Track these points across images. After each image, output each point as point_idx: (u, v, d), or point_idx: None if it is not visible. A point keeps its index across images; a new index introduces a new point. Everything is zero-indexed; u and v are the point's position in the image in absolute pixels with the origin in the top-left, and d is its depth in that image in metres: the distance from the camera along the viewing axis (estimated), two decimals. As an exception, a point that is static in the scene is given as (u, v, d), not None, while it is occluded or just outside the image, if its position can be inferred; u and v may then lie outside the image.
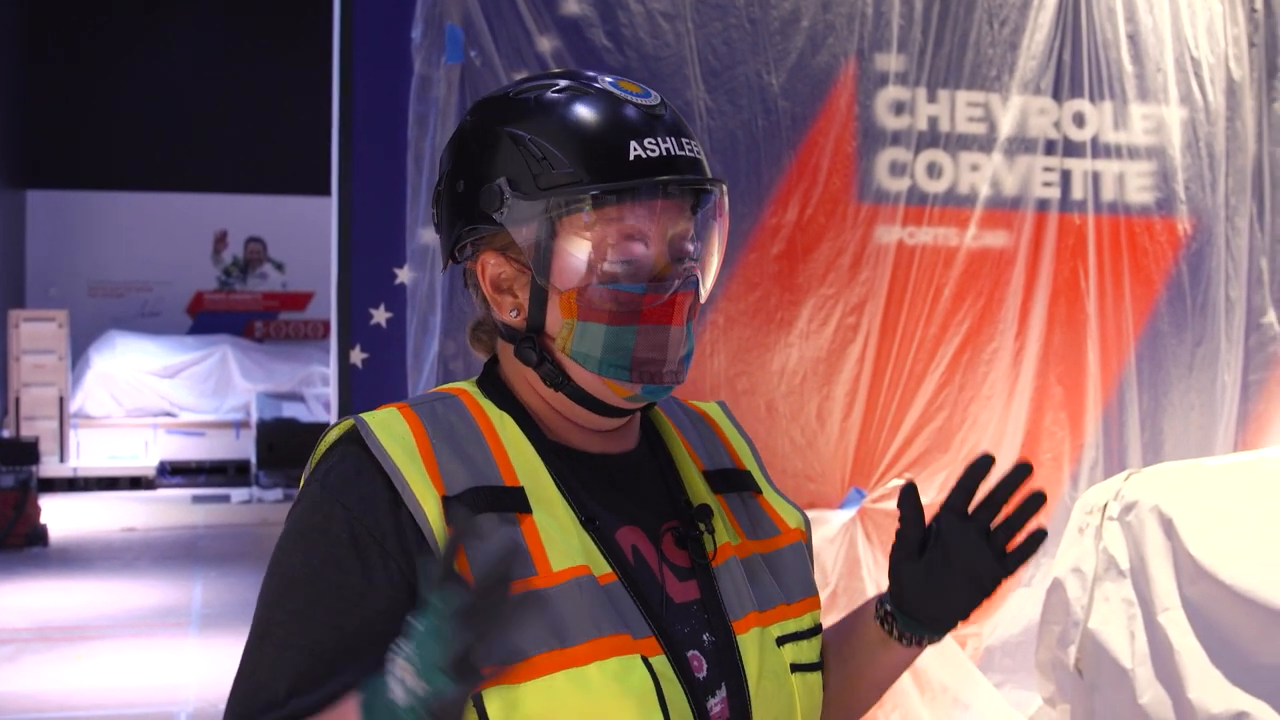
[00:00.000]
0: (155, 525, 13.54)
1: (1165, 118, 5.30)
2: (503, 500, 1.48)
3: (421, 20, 4.48)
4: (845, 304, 4.85)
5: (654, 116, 1.54)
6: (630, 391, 1.54)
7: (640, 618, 1.48)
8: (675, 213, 1.54)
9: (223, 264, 19.28)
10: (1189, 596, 3.67)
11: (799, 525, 1.74)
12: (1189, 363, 5.28)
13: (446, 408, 1.57)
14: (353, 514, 1.47)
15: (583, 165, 1.50)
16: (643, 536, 1.57)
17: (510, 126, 1.54)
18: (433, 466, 1.48)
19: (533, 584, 1.43)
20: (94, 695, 7.35)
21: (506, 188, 1.52)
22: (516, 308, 1.56)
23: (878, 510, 4.88)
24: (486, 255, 1.57)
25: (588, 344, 1.53)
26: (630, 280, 1.52)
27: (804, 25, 4.82)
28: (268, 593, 1.50)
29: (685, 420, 1.74)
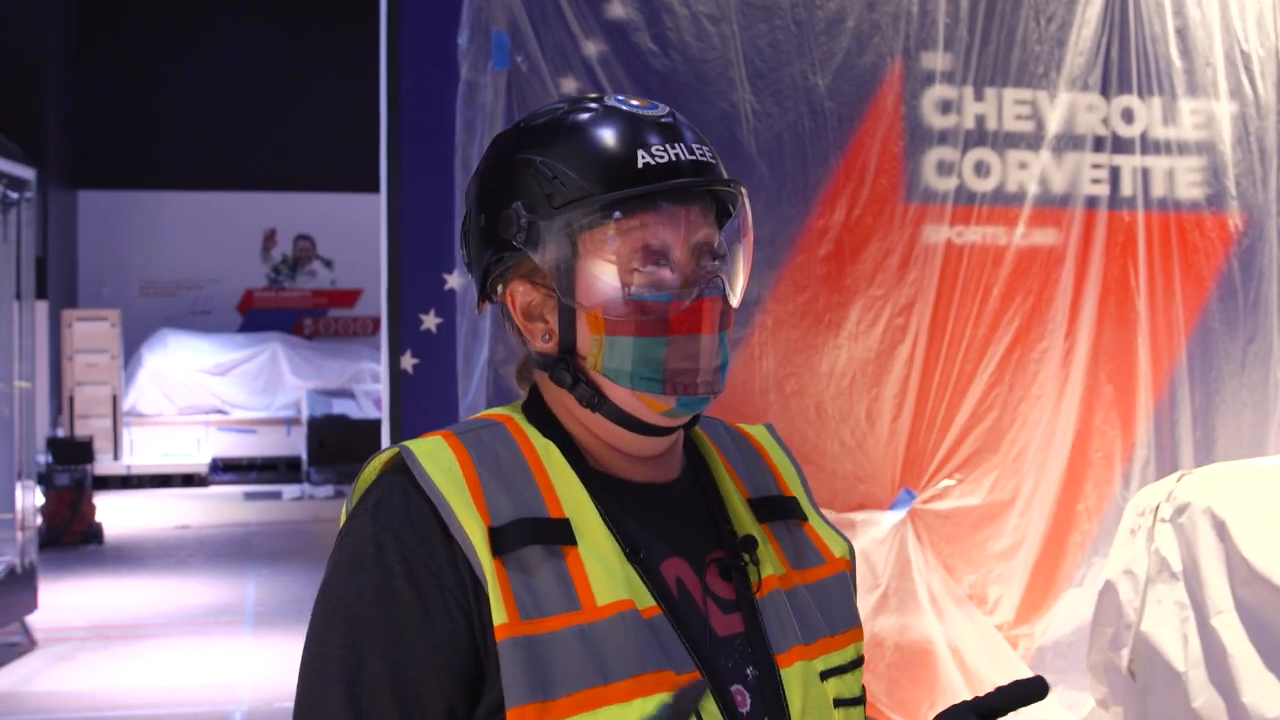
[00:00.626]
0: (208, 522, 13.67)
1: (1215, 112, 5.26)
2: (548, 532, 1.47)
3: (468, 26, 4.49)
4: (894, 304, 4.84)
5: (661, 124, 1.54)
6: (665, 405, 1.52)
7: (684, 652, 1.47)
8: (696, 219, 1.53)
9: (272, 262, 19.42)
10: (1242, 599, 3.65)
11: (844, 554, 1.71)
12: (1241, 360, 5.24)
13: (492, 436, 1.55)
14: (406, 546, 1.46)
15: (593, 178, 1.50)
16: (687, 568, 1.55)
17: (521, 153, 1.54)
18: (479, 497, 1.47)
19: (577, 618, 1.43)
20: (149, 694, 7.43)
21: (523, 211, 1.52)
22: (548, 333, 1.55)
23: (928, 511, 4.87)
24: (514, 285, 1.57)
25: (618, 358, 1.52)
26: (654, 289, 1.50)
27: (849, 25, 4.81)
28: (323, 627, 1.48)
29: (730, 445, 1.72)
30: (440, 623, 1.44)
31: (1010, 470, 4.98)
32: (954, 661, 4.81)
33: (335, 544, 1.53)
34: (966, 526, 4.93)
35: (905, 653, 4.76)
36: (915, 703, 4.77)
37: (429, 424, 4.53)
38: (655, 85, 4.59)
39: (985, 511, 4.95)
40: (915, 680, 4.77)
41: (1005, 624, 4.95)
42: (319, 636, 1.48)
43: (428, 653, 1.43)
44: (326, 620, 1.48)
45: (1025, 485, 4.98)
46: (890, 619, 4.75)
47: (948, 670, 4.79)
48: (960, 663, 4.82)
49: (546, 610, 1.43)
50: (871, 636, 4.67)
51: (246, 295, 19.27)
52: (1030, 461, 4.99)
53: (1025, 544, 4.98)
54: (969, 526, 4.93)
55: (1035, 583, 5.00)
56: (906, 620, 4.77)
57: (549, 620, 1.43)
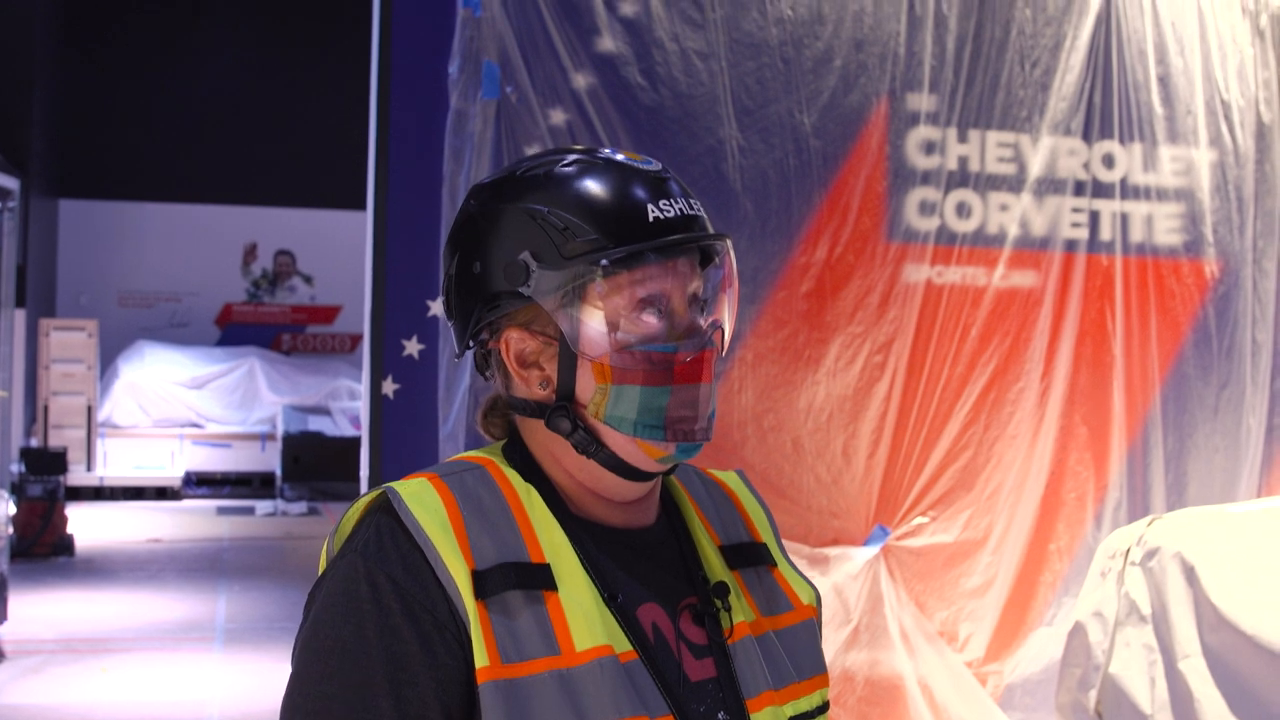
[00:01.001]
0: (180, 536, 13.64)
1: (1194, 160, 5.32)
2: (529, 577, 1.50)
3: (459, 55, 4.53)
4: (873, 342, 4.88)
5: (661, 181, 1.60)
6: (664, 451, 1.57)
7: (659, 697, 1.51)
8: (687, 270, 1.60)
9: (252, 276, 19.42)
10: (1210, 644, 3.69)
11: (810, 601, 1.76)
12: (1214, 405, 5.30)
13: (475, 479, 1.58)
14: (401, 585, 1.48)
15: (605, 231, 1.55)
16: (662, 613, 1.60)
17: (524, 203, 1.58)
18: (464, 540, 1.50)
19: (557, 663, 1.47)
20: (118, 709, 7.42)
21: (531, 260, 1.55)
22: (545, 380, 1.59)
23: (901, 548, 4.91)
24: (510, 332, 1.60)
25: (624, 407, 1.56)
26: (661, 340, 1.56)
27: (837, 65, 4.86)
28: (317, 667, 1.48)
29: (703, 491, 1.76)
30: (441, 659, 1.46)
31: (984, 509, 5.02)
32: (924, 697, 4.84)
33: (319, 585, 1.54)
34: (939, 564, 4.96)
35: (876, 687, 4.78)
36: (884, 738, 4.80)
37: (409, 450, 4.56)
38: (643, 119, 4.63)
39: (958, 549, 4.99)
40: (885, 715, 4.80)
41: (975, 661, 4.99)
42: (314, 677, 1.48)
43: (431, 688, 1.46)
44: (321, 659, 1.48)
45: (998, 524, 5.02)
46: (861, 654, 4.78)
47: (917, 706, 4.82)
48: (930, 699, 4.85)
49: (527, 654, 1.46)
50: (842, 671, 4.70)
51: (225, 309, 19.26)
52: (1004, 501, 5.03)
53: (997, 582, 5.01)
54: (941, 564, 4.97)
55: (1006, 621, 5.03)
56: (877, 655, 4.80)
57: (529, 664, 1.46)
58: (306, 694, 1.48)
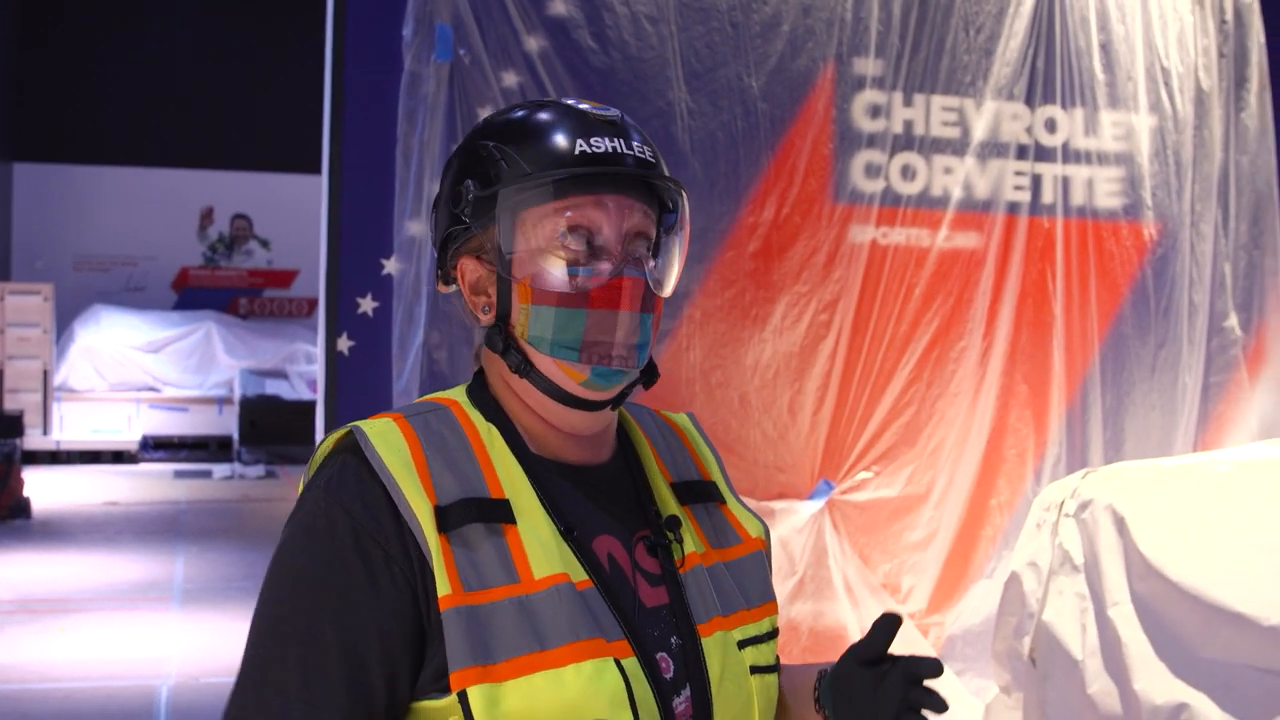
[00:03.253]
0: (137, 500, 13.64)
1: (1135, 125, 5.44)
2: (490, 511, 1.58)
3: (412, 18, 4.59)
4: (819, 301, 4.98)
5: (606, 122, 1.67)
6: (581, 375, 1.63)
7: (614, 622, 1.59)
8: (628, 208, 1.65)
9: (208, 240, 19.35)
10: (1138, 592, 3.81)
11: (759, 534, 1.84)
12: (1151, 364, 5.43)
13: (439, 420, 1.66)
14: (356, 519, 1.56)
15: (534, 161, 1.63)
16: (618, 545, 1.67)
17: (481, 139, 1.69)
18: (426, 477, 1.58)
19: (516, 590, 1.56)
20: (76, 668, 7.46)
21: (471, 188, 1.66)
22: (488, 305, 1.68)
23: (846, 502, 5.02)
24: (464, 261, 1.70)
25: (540, 326, 1.63)
26: (579, 266, 1.62)
27: (784, 30, 4.95)
28: (275, 591, 1.58)
29: (656, 431, 1.84)
30: (386, 592, 1.54)
31: (926, 464, 5.14)
32: (867, 648, 4.95)
33: (290, 516, 1.62)
34: (882, 518, 5.08)
35: (820, 638, 4.90)
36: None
37: (364, 406, 4.64)
38: (594, 82, 4.71)
39: (901, 503, 5.11)
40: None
41: (917, 613, 5.11)
42: (272, 598, 1.58)
43: (373, 620, 1.54)
44: (279, 583, 1.58)
45: (940, 479, 5.14)
46: (806, 605, 4.90)
47: (861, 656, 4.93)
48: (873, 649, 4.96)
49: (488, 582, 1.55)
50: (787, 622, 4.82)
51: (182, 273, 19.19)
52: (946, 456, 5.16)
53: (939, 536, 5.14)
54: (885, 518, 5.09)
55: (947, 574, 5.16)
56: (822, 607, 4.92)
57: (489, 592, 1.54)
58: (264, 615, 1.58)
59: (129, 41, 18.49)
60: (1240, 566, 3.63)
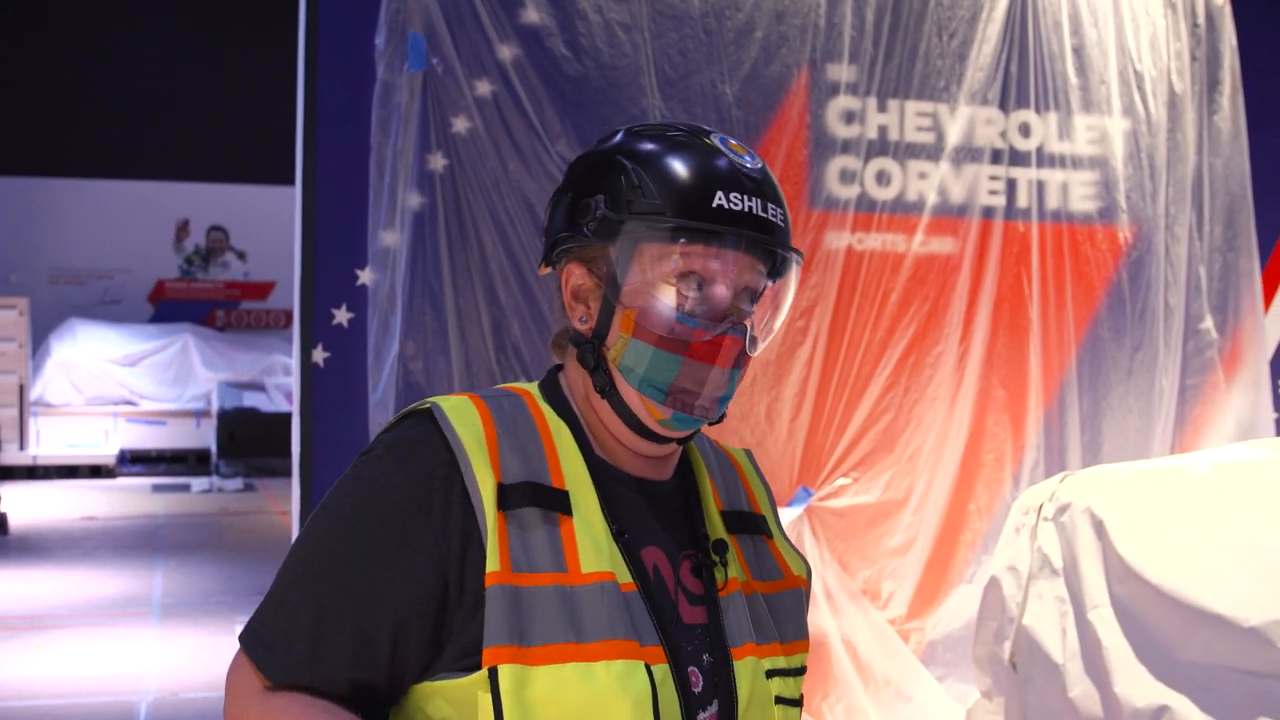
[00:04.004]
0: (115, 514, 13.57)
1: (1108, 129, 5.45)
2: (549, 499, 1.63)
3: (385, 27, 4.57)
4: (795, 308, 4.98)
5: (747, 176, 1.69)
6: (662, 415, 1.68)
7: (651, 628, 1.63)
8: (745, 266, 1.69)
9: (185, 252, 19.29)
10: (1117, 595, 3.81)
11: (801, 573, 1.88)
12: (1128, 367, 5.44)
13: (512, 405, 1.72)
14: (408, 478, 1.62)
15: (669, 200, 1.66)
16: (664, 558, 1.72)
17: (622, 155, 1.70)
18: (494, 454, 1.63)
19: (562, 579, 1.60)
20: (54, 684, 7.41)
21: (601, 204, 1.68)
22: (586, 315, 1.72)
23: (824, 508, 5.01)
24: (573, 265, 1.73)
25: (634, 359, 1.68)
26: (686, 314, 1.66)
27: (758, 36, 4.95)
28: (317, 529, 1.66)
29: (714, 460, 1.88)
30: (413, 558, 1.60)
31: (905, 470, 5.13)
32: (847, 654, 4.96)
33: (355, 460, 1.69)
34: (861, 524, 5.08)
35: (800, 645, 4.89)
36: (809, 693, 4.91)
37: (340, 418, 4.62)
38: (568, 90, 4.69)
39: (880, 509, 5.10)
40: (810, 673, 4.87)
41: (898, 619, 5.11)
42: (311, 534, 1.66)
43: (394, 580, 1.59)
44: (320, 522, 1.67)
45: (919, 485, 5.14)
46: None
47: (841, 663, 4.94)
48: (854, 655, 4.97)
49: (536, 566, 1.59)
50: (768, 629, 4.80)
51: (158, 286, 19.12)
52: (924, 462, 5.15)
53: (918, 541, 5.14)
54: (864, 524, 5.08)
55: (927, 579, 5.16)
56: (802, 614, 4.90)
57: (536, 576, 1.59)
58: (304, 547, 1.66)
59: (103, 54, 18.41)
60: (1219, 568, 3.63)
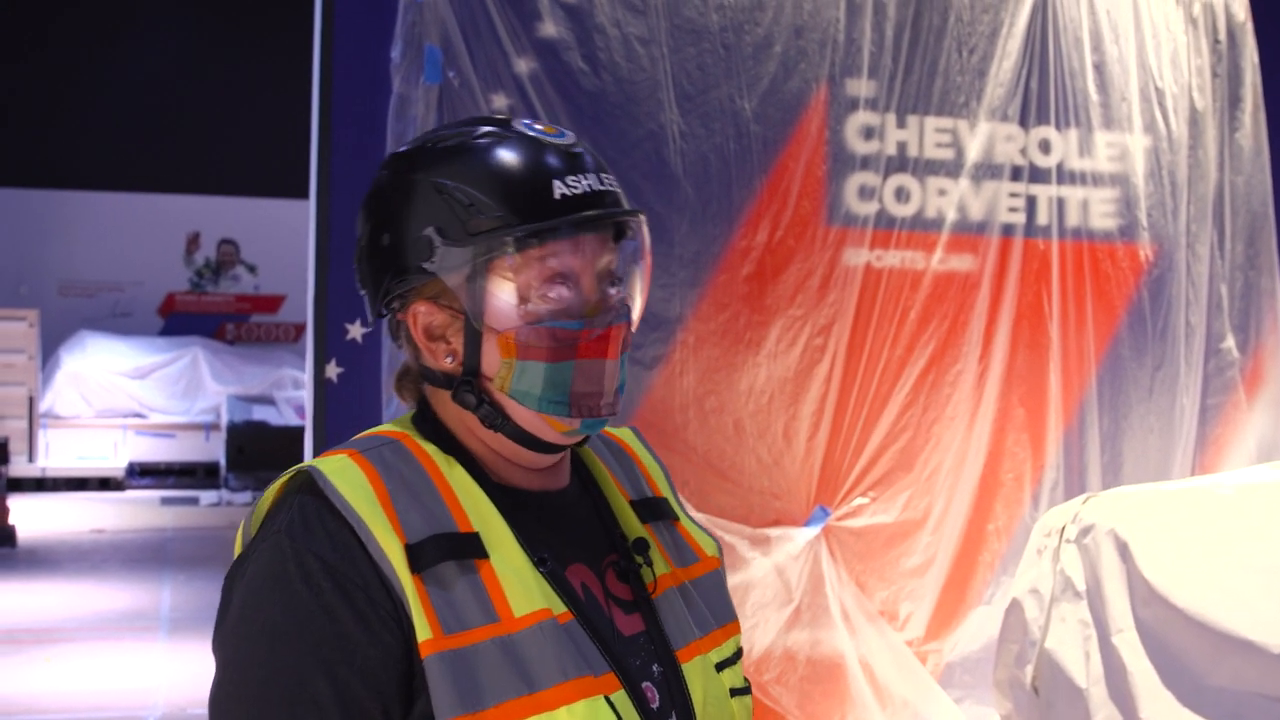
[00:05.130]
0: (124, 527, 13.55)
1: (1129, 145, 5.40)
2: (461, 547, 1.50)
3: (401, 40, 4.53)
4: (813, 325, 4.93)
5: (573, 155, 1.59)
6: (569, 426, 1.59)
7: (599, 655, 1.53)
8: (599, 246, 1.59)
9: (195, 265, 19.28)
10: (1142, 619, 3.75)
11: (714, 552, 1.79)
12: (1149, 387, 5.38)
13: (394, 453, 1.57)
14: (330, 563, 1.46)
15: (510, 208, 1.54)
16: (588, 572, 1.62)
17: (433, 176, 1.57)
18: (392, 514, 1.49)
19: (498, 630, 1.48)
20: (62, 699, 7.38)
21: (436, 236, 1.55)
22: (451, 353, 1.59)
23: (842, 528, 4.96)
24: (417, 305, 1.60)
25: (527, 382, 1.56)
26: (566, 317, 1.56)
27: (777, 51, 4.90)
28: (248, 653, 1.47)
29: (606, 451, 1.79)
30: (378, 635, 1.46)
31: (923, 490, 5.08)
32: (864, 676, 4.90)
33: (239, 569, 1.52)
34: (879, 544, 5.02)
35: (817, 667, 4.84)
36: (826, 715, 4.85)
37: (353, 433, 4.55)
38: (585, 104, 4.65)
39: (898, 530, 5.04)
40: (826, 694, 4.86)
41: (915, 640, 5.05)
42: (246, 663, 1.47)
43: (370, 669, 1.45)
44: (252, 644, 1.47)
45: (937, 505, 5.08)
46: (803, 633, 4.83)
47: (858, 684, 4.88)
48: (871, 677, 4.91)
49: (467, 623, 1.47)
50: (785, 651, 4.75)
51: (168, 298, 19.12)
52: (943, 481, 5.10)
53: (936, 562, 5.08)
54: (882, 544, 5.03)
55: (945, 600, 5.10)
56: (819, 635, 4.85)
57: (470, 633, 1.46)
58: (240, 680, 1.47)
59: (112, 66, 18.42)
60: (1247, 592, 3.57)
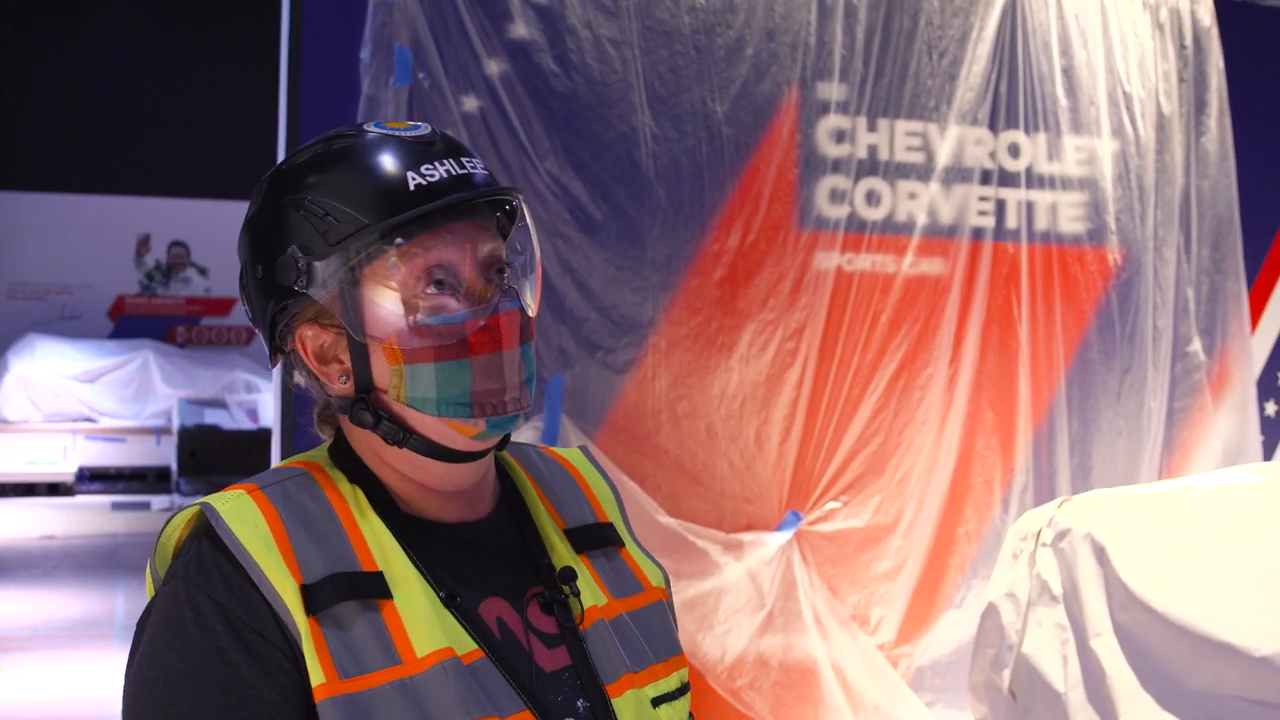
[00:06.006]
0: (74, 533, 13.38)
1: (1097, 150, 5.42)
2: (362, 587, 1.44)
3: (370, 41, 4.48)
4: (785, 329, 4.91)
5: (426, 144, 1.53)
6: (475, 429, 1.51)
7: (511, 693, 1.46)
8: (476, 234, 1.51)
9: (145, 268, 19.08)
10: (1120, 622, 3.76)
11: (659, 583, 1.71)
12: (1117, 390, 5.40)
13: (298, 487, 1.51)
14: (225, 608, 1.41)
15: (366, 208, 1.47)
16: (507, 606, 1.54)
17: (288, 195, 1.51)
18: (288, 554, 1.43)
19: (398, 673, 1.41)
20: (15, 709, 7.27)
21: (300, 254, 1.49)
22: (344, 373, 1.53)
23: (814, 533, 4.94)
24: (302, 330, 1.54)
25: (421, 386, 1.49)
26: (446, 311, 1.49)
27: (748, 54, 4.89)
28: (141, 700, 1.41)
29: (544, 472, 1.71)
30: (276, 679, 1.40)
31: (894, 493, 5.07)
32: (837, 680, 4.89)
33: (145, 615, 1.47)
34: (851, 548, 5.01)
35: (790, 671, 4.82)
36: (799, 721, 4.84)
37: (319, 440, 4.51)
38: (556, 106, 4.62)
39: (869, 534, 5.04)
40: (799, 698, 4.84)
41: (887, 644, 5.04)
42: (142, 710, 1.42)
43: (268, 710, 1.40)
44: (148, 691, 1.42)
45: (908, 508, 5.08)
46: (775, 638, 4.82)
47: (831, 689, 4.86)
48: (843, 681, 4.90)
49: (366, 667, 1.41)
50: (757, 655, 4.73)
51: (118, 301, 18.90)
52: (914, 485, 5.09)
53: (907, 566, 5.07)
54: (853, 548, 5.01)
55: (916, 604, 5.10)
56: (791, 640, 4.84)
57: (369, 677, 1.40)
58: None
59: (62, 65, 18.21)
60: (1226, 596, 3.58)
